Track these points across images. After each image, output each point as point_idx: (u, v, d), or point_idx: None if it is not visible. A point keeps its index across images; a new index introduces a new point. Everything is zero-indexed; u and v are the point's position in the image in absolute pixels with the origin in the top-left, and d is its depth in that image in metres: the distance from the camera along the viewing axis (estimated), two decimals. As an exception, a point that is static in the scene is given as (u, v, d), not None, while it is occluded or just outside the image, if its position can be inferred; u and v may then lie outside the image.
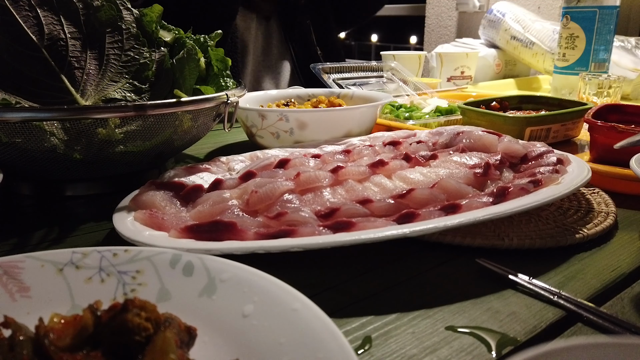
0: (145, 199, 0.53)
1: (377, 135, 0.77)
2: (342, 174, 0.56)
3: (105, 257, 0.39)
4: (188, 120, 0.65)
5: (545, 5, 2.04)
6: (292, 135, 0.80)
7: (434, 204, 0.50)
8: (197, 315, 0.34)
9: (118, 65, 0.63)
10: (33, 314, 0.34)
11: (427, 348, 0.36)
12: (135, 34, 0.65)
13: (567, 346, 0.20)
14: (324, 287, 0.44)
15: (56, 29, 0.60)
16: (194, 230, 0.46)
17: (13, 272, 0.37)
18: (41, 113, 0.54)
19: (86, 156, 0.59)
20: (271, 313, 0.33)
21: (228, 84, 0.73)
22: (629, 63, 1.35)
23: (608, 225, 0.54)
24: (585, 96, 1.12)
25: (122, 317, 0.29)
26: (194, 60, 0.68)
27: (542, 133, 0.84)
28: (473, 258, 0.47)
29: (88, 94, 0.60)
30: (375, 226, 0.46)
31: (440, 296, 0.42)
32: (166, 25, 0.72)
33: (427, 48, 2.45)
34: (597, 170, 0.65)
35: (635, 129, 0.69)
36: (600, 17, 1.20)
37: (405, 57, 1.47)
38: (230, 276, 0.37)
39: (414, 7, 2.90)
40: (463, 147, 0.65)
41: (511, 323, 0.38)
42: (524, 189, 0.52)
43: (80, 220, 0.59)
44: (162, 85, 0.67)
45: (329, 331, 0.30)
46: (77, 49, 0.61)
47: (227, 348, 0.33)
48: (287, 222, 0.47)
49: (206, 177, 0.60)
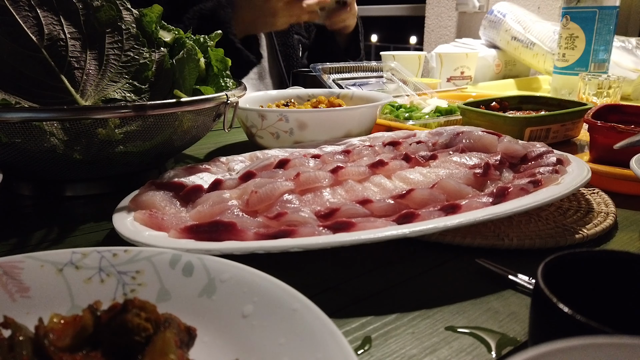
0: (145, 199, 0.53)
1: (377, 136, 0.77)
2: (342, 174, 0.56)
3: (105, 257, 0.39)
4: (188, 120, 0.65)
5: (545, 6, 2.04)
6: (291, 136, 0.80)
7: (434, 204, 0.50)
8: (196, 316, 0.34)
9: (118, 65, 0.63)
10: (33, 314, 0.34)
11: (427, 348, 0.36)
12: (135, 34, 0.65)
13: (567, 346, 0.20)
14: (324, 287, 0.44)
15: (56, 29, 0.60)
16: (194, 230, 0.46)
17: (13, 272, 0.37)
18: (41, 113, 0.54)
19: (86, 156, 0.59)
20: (271, 313, 0.33)
21: (228, 84, 0.73)
22: (630, 63, 1.35)
23: (608, 225, 0.54)
24: (585, 96, 1.12)
25: (121, 318, 0.29)
26: (193, 60, 0.68)
27: (542, 133, 0.84)
28: (473, 258, 0.47)
29: (88, 94, 0.60)
30: (375, 226, 0.46)
31: (440, 296, 0.42)
32: (166, 25, 0.72)
33: (427, 48, 2.45)
34: (597, 170, 0.65)
35: (635, 129, 0.69)
36: (600, 18, 1.20)
37: (405, 58, 1.47)
38: (230, 276, 0.37)
39: (414, 7, 2.90)
40: (463, 147, 0.65)
41: (511, 323, 0.38)
42: (524, 189, 0.52)
43: (80, 220, 0.59)
44: (162, 86, 0.67)
45: (328, 331, 0.30)
46: (76, 49, 0.61)
47: (226, 348, 0.33)
48: (287, 223, 0.47)
49: (206, 178, 0.60)
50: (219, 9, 1.30)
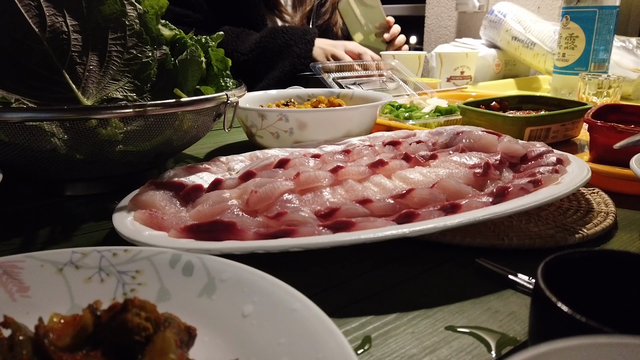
0: (145, 198, 0.53)
1: (377, 135, 0.77)
2: (341, 174, 0.56)
3: (105, 256, 0.39)
4: (188, 120, 0.64)
5: (545, 6, 2.04)
6: (291, 135, 0.80)
7: (434, 204, 0.50)
8: (196, 315, 0.34)
9: (120, 63, 0.63)
10: (33, 314, 0.34)
11: (426, 348, 0.36)
12: (138, 30, 0.64)
13: (566, 346, 0.20)
14: (324, 287, 0.44)
15: (58, 21, 0.58)
16: (194, 230, 0.46)
17: (13, 271, 0.37)
18: (41, 113, 0.54)
19: (86, 156, 0.59)
20: (271, 313, 0.33)
21: (228, 84, 0.73)
22: (630, 63, 1.35)
23: (608, 225, 0.54)
24: (585, 96, 1.12)
25: (121, 317, 0.29)
26: (196, 62, 0.68)
27: (542, 133, 0.84)
28: (473, 258, 0.47)
29: (89, 92, 0.60)
30: (375, 226, 0.46)
31: (440, 296, 0.42)
32: (166, 23, 0.72)
33: (427, 48, 2.45)
34: (596, 170, 0.65)
35: (635, 129, 0.69)
36: (600, 17, 1.20)
37: (405, 57, 1.46)
38: (230, 276, 0.37)
39: (414, 7, 2.90)
40: (463, 147, 0.65)
41: (511, 323, 0.38)
42: (524, 189, 0.52)
43: (80, 220, 0.59)
44: (164, 87, 0.66)
45: (328, 331, 0.30)
46: (79, 44, 0.60)
47: (226, 348, 0.33)
48: (287, 222, 0.47)
49: (206, 177, 0.60)
50: (302, 42, 1.43)
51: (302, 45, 1.41)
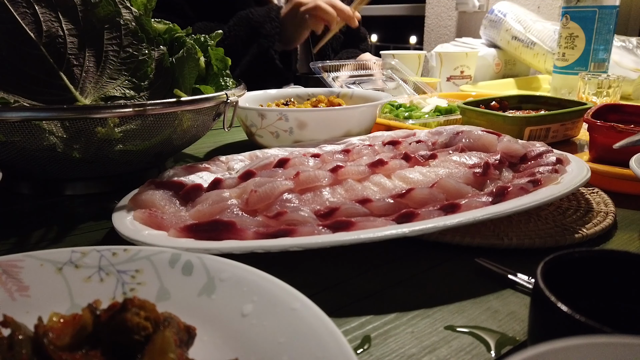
0: (144, 198, 0.53)
1: (377, 135, 0.77)
2: (341, 174, 0.56)
3: (104, 256, 0.39)
4: (188, 119, 0.64)
5: (545, 5, 2.04)
6: (291, 135, 0.80)
7: (434, 204, 0.50)
8: (196, 315, 0.34)
9: (117, 62, 0.63)
10: (32, 313, 0.34)
11: (426, 347, 0.36)
12: (133, 29, 0.64)
13: (566, 346, 0.20)
14: (324, 286, 0.44)
15: (54, 26, 0.59)
16: (193, 229, 0.46)
17: (12, 271, 0.37)
18: (40, 112, 0.54)
19: (85, 155, 0.59)
20: (270, 312, 0.33)
21: (228, 83, 0.73)
22: (630, 63, 1.35)
23: (607, 225, 0.54)
24: (585, 96, 1.12)
25: (121, 317, 0.29)
26: (193, 59, 0.68)
27: (542, 133, 0.84)
28: (472, 258, 0.47)
29: (87, 91, 0.60)
30: (374, 226, 0.46)
31: (440, 296, 0.42)
32: (161, 20, 0.72)
33: (427, 48, 2.45)
34: (596, 170, 0.65)
35: (634, 129, 0.69)
36: (600, 17, 1.20)
37: (405, 57, 1.46)
38: (229, 275, 0.37)
39: (414, 6, 2.90)
40: (462, 146, 0.65)
41: (510, 322, 0.38)
42: (524, 188, 0.52)
43: (80, 219, 0.58)
44: (161, 85, 0.67)
45: (328, 331, 0.30)
46: (75, 46, 0.60)
47: (226, 347, 0.33)
48: (287, 222, 0.47)
49: (205, 177, 0.60)
50: (267, 21, 1.30)
51: (267, 25, 1.32)
